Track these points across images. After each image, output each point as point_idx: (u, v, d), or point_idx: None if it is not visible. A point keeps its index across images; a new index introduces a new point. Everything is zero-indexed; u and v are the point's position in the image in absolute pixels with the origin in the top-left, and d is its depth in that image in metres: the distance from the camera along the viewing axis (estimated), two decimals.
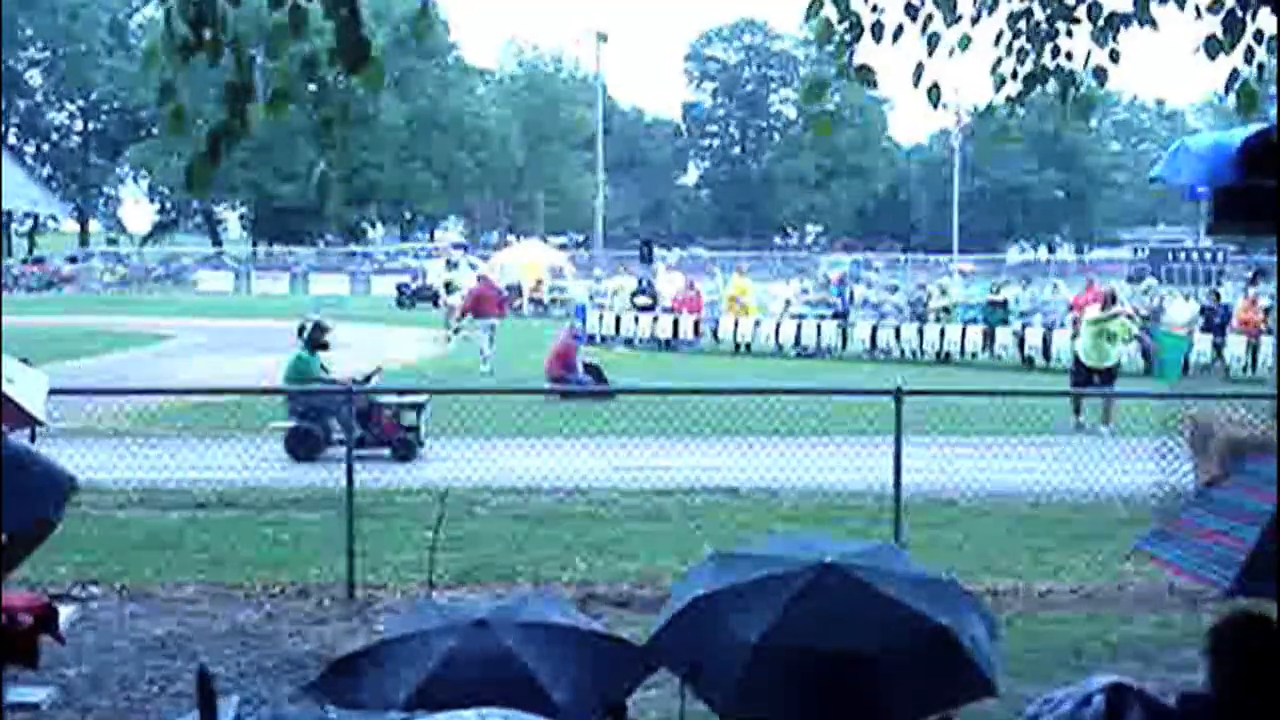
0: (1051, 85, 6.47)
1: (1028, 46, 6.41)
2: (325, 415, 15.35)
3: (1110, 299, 20.53)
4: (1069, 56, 6.38)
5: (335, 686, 4.21)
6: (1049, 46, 6.39)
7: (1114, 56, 6.28)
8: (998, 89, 6.55)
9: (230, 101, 4.48)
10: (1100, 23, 6.22)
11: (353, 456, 9.99)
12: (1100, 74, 6.33)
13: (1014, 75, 6.46)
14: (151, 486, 12.70)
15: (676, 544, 10.77)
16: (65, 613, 7.33)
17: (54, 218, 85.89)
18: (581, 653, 4.21)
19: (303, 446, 15.10)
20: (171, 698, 7.44)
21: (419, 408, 15.69)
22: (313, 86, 4.64)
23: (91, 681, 7.74)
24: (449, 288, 36.56)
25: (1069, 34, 6.36)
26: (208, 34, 4.44)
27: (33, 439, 8.41)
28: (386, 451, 15.30)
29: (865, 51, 5.96)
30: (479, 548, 10.77)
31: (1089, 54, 6.30)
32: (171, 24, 4.48)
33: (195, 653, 8.17)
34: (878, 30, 5.90)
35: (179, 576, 9.99)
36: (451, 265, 40.92)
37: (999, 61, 6.48)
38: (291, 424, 15.36)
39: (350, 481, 9.77)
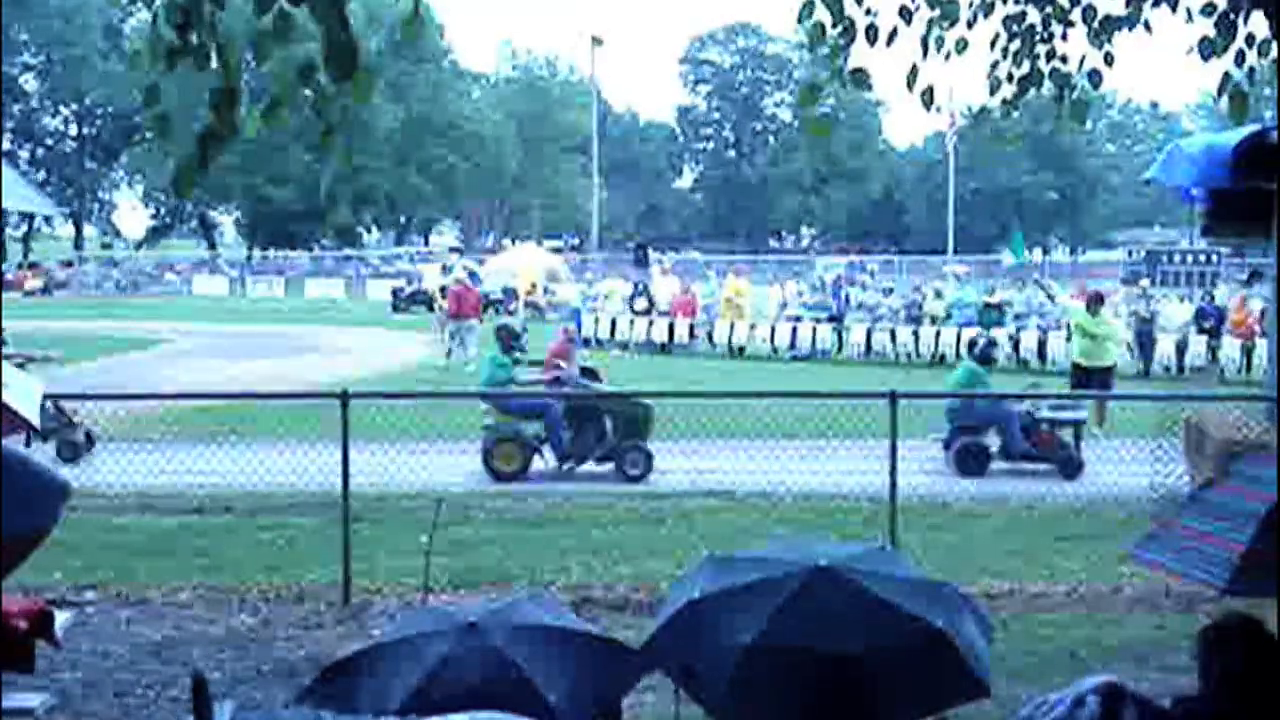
0: (1047, 88, 6.48)
1: (1023, 50, 6.42)
2: (988, 427, 15.32)
3: (1097, 300, 20.35)
4: (1064, 60, 6.39)
5: (330, 691, 4.21)
6: (1044, 50, 6.40)
7: (1108, 59, 6.29)
8: (993, 92, 6.56)
9: (216, 105, 4.48)
10: (1095, 25, 6.23)
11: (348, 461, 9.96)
12: (1095, 76, 6.34)
13: (1009, 78, 6.47)
14: (147, 491, 12.70)
15: (672, 548, 10.77)
16: (61, 618, 7.31)
17: (48, 222, 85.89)
18: (575, 653, 4.21)
19: (975, 460, 14.98)
20: (167, 703, 7.45)
21: (1077, 424, 15.31)
22: (310, 92, 4.63)
23: (87, 687, 7.74)
24: (444, 292, 36.63)
25: (1064, 37, 6.37)
26: (194, 38, 4.44)
27: (28, 444, 8.41)
28: (1046, 466, 15.10)
29: (859, 54, 5.97)
30: (475, 552, 10.77)
31: (1083, 57, 6.32)
32: (158, 28, 4.49)
33: (191, 658, 8.16)
34: (872, 33, 5.90)
35: (175, 581, 9.99)
36: (447, 270, 40.95)
37: (995, 65, 6.49)
38: (960, 438, 15.13)
39: (346, 486, 9.77)
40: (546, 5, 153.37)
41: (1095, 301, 20.23)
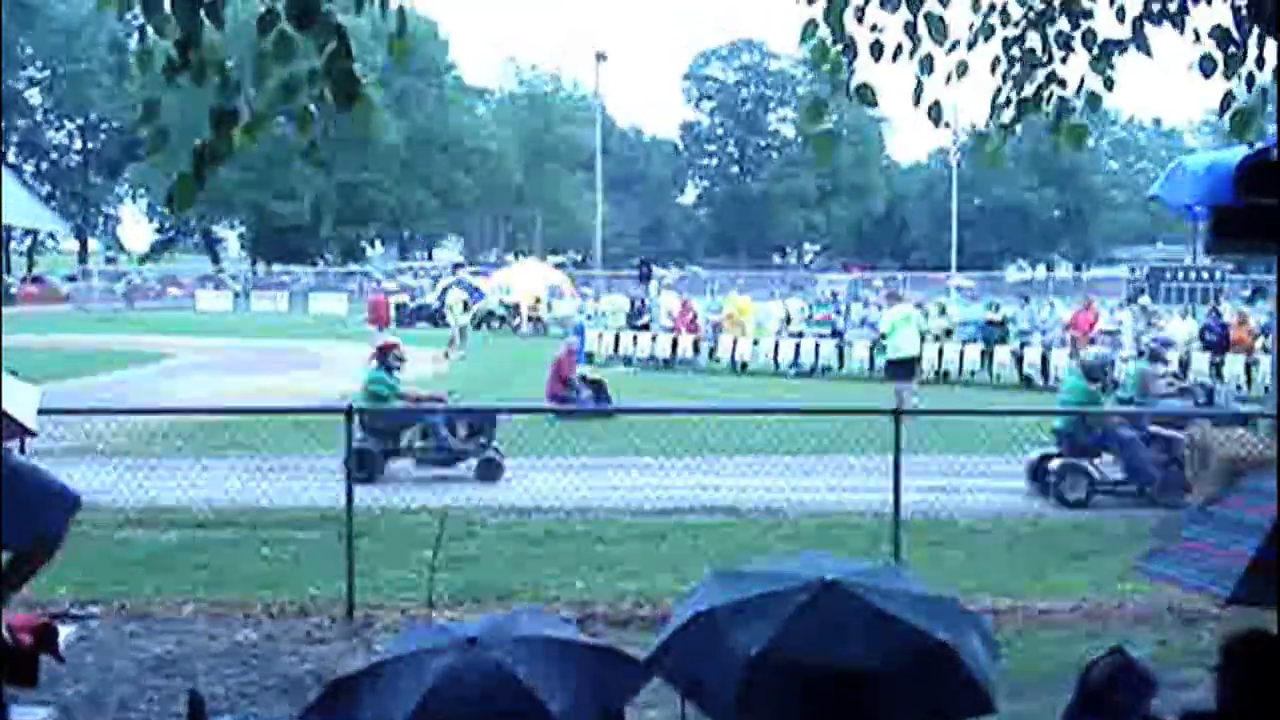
0: (1045, 111, 6.45)
1: (1022, 73, 6.41)
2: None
3: (894, 300, 24.66)
4: (1062, 84, 6.37)
5: (333, 708, 4.21)
6: (1043, 73, 6.38)
7: (1108, 84, 6.27)
8: (992, 116, 6.55)
9: (215, 124, 4.49)
10: (1095, 50, 6.21)
11: (351, 476, 9.97)
12: (1093, 100, 6.32)
13: (1008, 103, 6.46)
14: (151, 506, 12.70)
15: (676, 564, 10.76)
16: (64, 632, 7.30)
17: (53, 236, 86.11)
18: (576, 664, 4.21)
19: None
20: (171, 718, 7.45)
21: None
22: (309, 106, 4.64)
23: (90, 701, 7.74)
24: (465, 306, 36.92)
25: (1064, 61, 6.35)
26: (193, 56, 4.45)
27: (21, 451, 8.40)
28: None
29: (863, 70, 5.97)
30: (478, 567, 10.77)
31: (1082, 80, 6.30)
32: (147, 42, 4.51)
33: (194, 672, 8.16)
34: (876, 50, 5.90)
35: (178, 596, 9.98)
36: (460, 284, 41.18)
37: (998, 91, 6.47)
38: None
39: (350, 501, 9.77)
40: (551, 21, 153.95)
41: (892, 300, 24.28)
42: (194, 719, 4.86)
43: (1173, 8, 6.09)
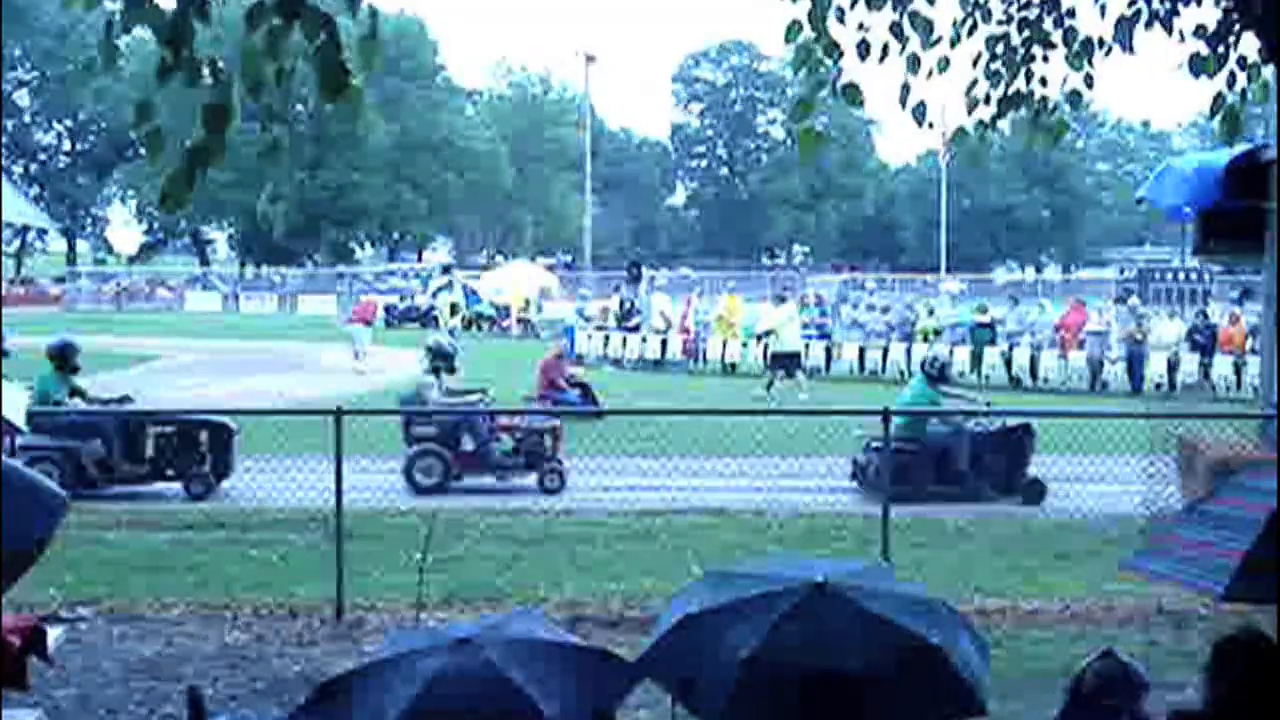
0: (1024, 110, 6.47)
1: (1002, 70, 6.42)
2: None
3: (779, 299, 28.29)
4: (1043, 82, 6.39)
5: (323, 709, 4.20)
6: (1023, 71, 6.40)
7: (1089, 82, 6.29)
8: (970, 112, 6.57)
9: (208, 122, 4.46)
10: (1075, 47, 6.23)
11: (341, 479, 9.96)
12: (1074, 99, 6.33)
13: (987, 99, 6.47)
14: (139, 507, 12.69)
15: (665, 565, 10.75)
16: (53, 634, 7.28)
17: (41, 237, 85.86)
18: (568, 666, 4.21)
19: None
20: (160, 719, 7.43)
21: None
22: (300, 106, 4.61)
23: (80, 703, 7.72)
24: (454, 309, 36.87)
25: (1045, 59, 6.37)
26: (184, 54, 4.43)
27: (12, 454, 8.40)
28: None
29: (851, 72, 5.97)
30: (467, 569, 10.75)
31: (1065, 79, 6.32)
32: (112, 36, 4.49)
33: (184, 674, 8.14)
34: (863, 49, 5.91)
35: (168, 597, 9.97)
36: (449, 287, 41.11)
37: (974, 84, 6.49)
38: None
39: (339, 502, 9.76)
40: (540, 23, 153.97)
41: (779, 300, 27.70)
42: (194, 717, 4.87)
43: (1161, 9, 6.12)
